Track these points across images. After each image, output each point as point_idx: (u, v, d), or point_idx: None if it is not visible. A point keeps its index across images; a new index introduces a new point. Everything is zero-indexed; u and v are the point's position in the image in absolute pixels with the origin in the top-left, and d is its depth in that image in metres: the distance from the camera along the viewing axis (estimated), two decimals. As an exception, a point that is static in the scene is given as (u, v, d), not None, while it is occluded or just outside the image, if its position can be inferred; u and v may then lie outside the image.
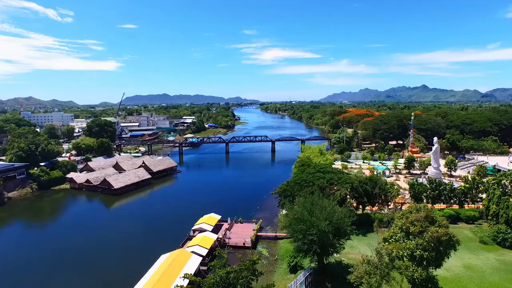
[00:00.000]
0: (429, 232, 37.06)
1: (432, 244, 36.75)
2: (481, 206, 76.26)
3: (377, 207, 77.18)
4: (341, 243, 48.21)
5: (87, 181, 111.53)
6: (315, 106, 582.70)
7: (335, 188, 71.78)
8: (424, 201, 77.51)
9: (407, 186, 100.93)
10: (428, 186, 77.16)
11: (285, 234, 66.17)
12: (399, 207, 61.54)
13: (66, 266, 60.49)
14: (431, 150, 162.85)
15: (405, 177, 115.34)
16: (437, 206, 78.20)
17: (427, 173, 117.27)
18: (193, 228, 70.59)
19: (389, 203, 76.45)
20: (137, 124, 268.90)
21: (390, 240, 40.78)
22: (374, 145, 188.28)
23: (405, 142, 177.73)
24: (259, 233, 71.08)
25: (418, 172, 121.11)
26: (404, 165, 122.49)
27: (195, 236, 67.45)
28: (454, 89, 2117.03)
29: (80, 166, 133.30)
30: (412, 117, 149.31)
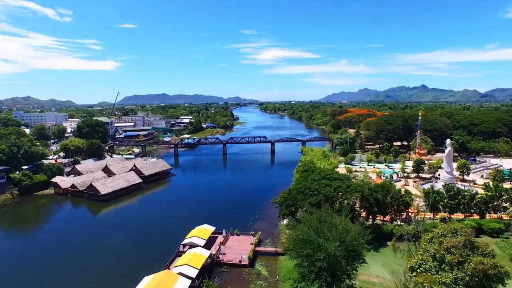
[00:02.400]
0: (471, 264, 29.26)
1: (477, 279, 28.95)
2: (504, 216, 68.79)
3: (389, 217, 69.56)
4: (355, 267, 40.42)
5: (73, 186, 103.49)
6: (315, 106, 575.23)
7: (342, 196, 64.08)
8: (441, 210, 70.11)
9: (417, 192, 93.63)
10: (445, 194, 69.43)
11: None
12: (421, 219, 53.31)
13: (33, 285, 52.60)
14: (439, 152, 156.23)
15: (414, 181, 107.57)
16: (454, 216, 70.76)
17: (438, 177, 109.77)
18: (183, 242, 62.70)
19: (402, 213, 68.91)
20: (132, 124, 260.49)
21: (418, 270, 32.91)
22: (378, 146, 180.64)
23: (410, 144, 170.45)
24: (257, 248, 63.23)
25: (428, 176, 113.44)
26: (412, 168, 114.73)
27: (185, 252, 59.63)
28: (453, 89, 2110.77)
29: (67, 169, 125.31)
30: (419, 117, 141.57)
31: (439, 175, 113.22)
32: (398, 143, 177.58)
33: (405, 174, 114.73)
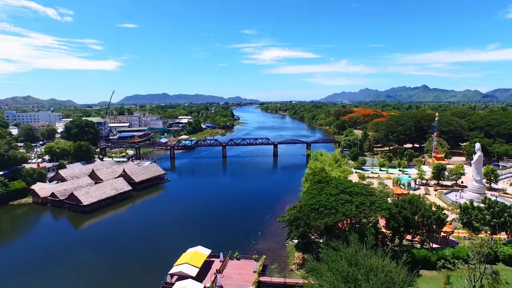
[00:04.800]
0: None
1: None
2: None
3: (418, 238, 58.17)
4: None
5: (53, 194, 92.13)
6: (317, 106, 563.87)
7: (366, 214, 52.71)
8: (481, 229, 58.62)
9: (441, 203, 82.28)
10: (486, 211, 57.92)
11: (297, 281, 47.32)
12: (488, 243, 41.40)
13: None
14: (454, 155, 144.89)
15: (435, 190, 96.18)
16: (496, 236, 59.33)
17: (461, 185, 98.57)
18: (170, 271, 51.19)
19: (435, 234, 57.49)
20: (127, 124, 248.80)
21: None
22: (388, 149, 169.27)
23: (423, 146, 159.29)
24: (261, 278, 51.83)
25: (449, 183, 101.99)
26: (432, 174, 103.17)
27: (173, 283, 48.33)
28: (454, 89, 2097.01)
29: (51, 175, 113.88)
30: (435, 118, 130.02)
31: (461, 182, 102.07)
32: (409, 145, 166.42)
33: (424, 181, 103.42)
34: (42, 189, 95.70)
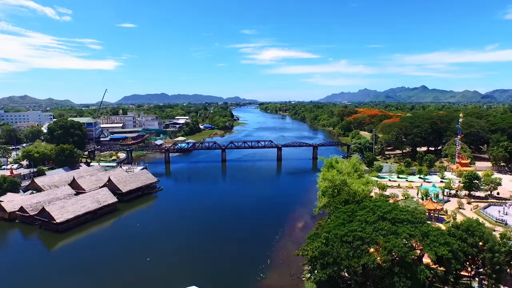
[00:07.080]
0: None
1: None
2: None
3: (480, 278, 44.84)
4: None
5: (22, 209, 78.24)
6: (318, 106, 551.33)
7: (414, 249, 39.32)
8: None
9: (481, 221, 69.17)
10: None
11: None
12: None
13: None
14: (477, 160, 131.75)
15: (468, 203, 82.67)
16: None
17: (496, 196, 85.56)
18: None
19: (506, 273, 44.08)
20: (120, 125, 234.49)
21: None
22: (401, 152, 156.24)
23: (438, 149, 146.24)
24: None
25: (481, 194, 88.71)
26: (462, 184, 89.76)
27: None
28: (453, 90, 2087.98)
29: (27, 183, 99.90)
30: (460, 120, 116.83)
31: (498, 193, 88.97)
32: (424, 149, 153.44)
33: (452, 192, 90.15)
34: (11, 202, 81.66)
